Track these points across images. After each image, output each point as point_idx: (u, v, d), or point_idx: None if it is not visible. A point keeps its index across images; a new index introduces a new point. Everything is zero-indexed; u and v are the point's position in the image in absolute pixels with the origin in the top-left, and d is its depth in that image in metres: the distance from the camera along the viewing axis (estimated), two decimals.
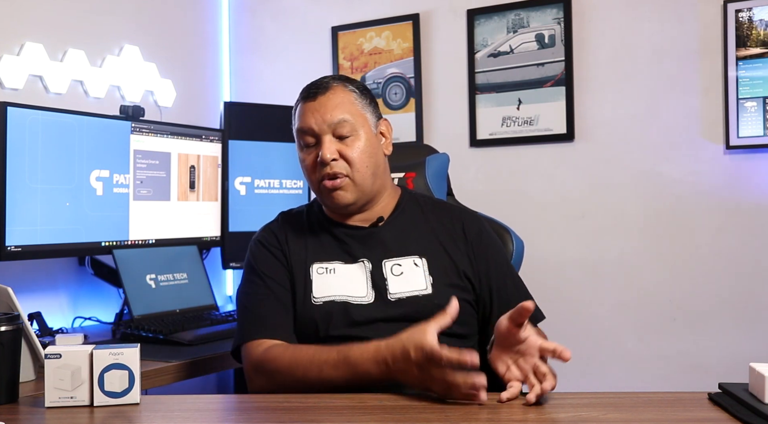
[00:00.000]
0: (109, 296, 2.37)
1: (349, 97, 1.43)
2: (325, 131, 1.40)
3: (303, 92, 1.45)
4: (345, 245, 1.43)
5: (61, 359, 1.16)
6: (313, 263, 1.42)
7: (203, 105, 2.97)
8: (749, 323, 2.31)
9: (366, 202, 1.45)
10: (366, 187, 1.42)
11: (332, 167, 1.39)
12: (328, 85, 1.43)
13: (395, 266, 1.40)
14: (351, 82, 1.46)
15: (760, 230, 2.31)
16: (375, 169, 1.43)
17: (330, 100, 1.41)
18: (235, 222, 2.60)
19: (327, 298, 1.38)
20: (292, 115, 1.47)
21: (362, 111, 1.43)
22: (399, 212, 1.48)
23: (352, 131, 1.40)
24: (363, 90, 1.46)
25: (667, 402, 1.15)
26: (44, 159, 2.02)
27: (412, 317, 1.33)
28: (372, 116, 1.45)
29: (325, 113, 1.40)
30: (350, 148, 1.40)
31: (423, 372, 1.15)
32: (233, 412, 1.20)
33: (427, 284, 1.38)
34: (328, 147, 1.39)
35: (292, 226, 1.50)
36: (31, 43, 2.25)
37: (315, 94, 1.42)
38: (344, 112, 1.40)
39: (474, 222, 1.50)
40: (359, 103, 1.43)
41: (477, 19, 2.68)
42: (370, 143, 1.42)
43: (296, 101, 1.47)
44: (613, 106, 2.50)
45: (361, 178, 1.40)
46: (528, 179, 2.62)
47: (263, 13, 3.09)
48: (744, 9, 2.31)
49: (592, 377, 2.44)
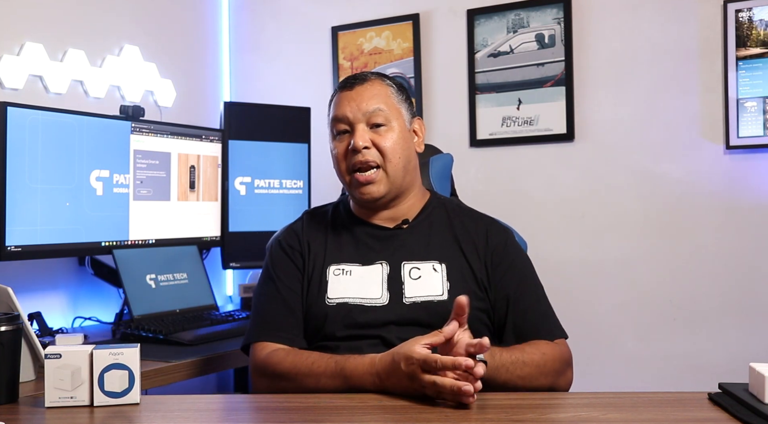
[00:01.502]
0: (109, 296, 2.37)
1: (386, 91, 1.45)
2: (360, 120, 1.41)
3: (341, 83, 1.47)
4: (365, 247, 1.43)
5: (61, 359, 1.16)
6: (330, 265, 1.42)
7: (203, 105, 2.97)
8: (749, 323, 2.31)
9: (395, 197, 1.45)
10: (397, 180, 1.42)
11: (364, 155, 1.39)
12: (366, 77, 1.46)
13: (414, 270, 1.40)
14: (389, 78, 1.49)
15: (760, 230, 2.31)
16: (406, 163, 1.44)
17: (367, 91, 1.43)
18: (235, 222, 2.60)
19: (341, 299, 1.38)
20: (327, 107, 1.49)
21: (398, 105, 1.45)
22: (424, 215, 1.48)
23: (386, 121, 1.42)
24: (400, 87, 1.49)
25: (667, 402, 1.15)
26: (44, 159, 2.02)
27: (425, 322, 1.33)
28: (407, 112, 1.47)
29: (361, 102, 1.41)
30: (383, 138, 1.41)
31: (414, 382, 1.16)
32: (233, 412, 1.20)
33: (443, 289, 1.38)
34: (361, 135, 1.40)
35: (314, 225, 1.50)
36: (31, 43, 2.25)
37: (353, 84, 1.44)
38: (380, 102, 1.42)
39: (500, 233, 1.49)
40: (395, 98, 1.46)
41: (477, 19, 2.68)
42: (403, 136, 1.43)
43: (333, 93, 1.48)
44: (613, 106, 2.50)
45: (393, 169, 1.41)
46: (528, 179, 2.62)
47: (263, 13, 3.09)
48: (744, 9, 2.31)
49: (592, 377, 2.44)
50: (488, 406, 1.13)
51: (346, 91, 1.44)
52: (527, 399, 1.20)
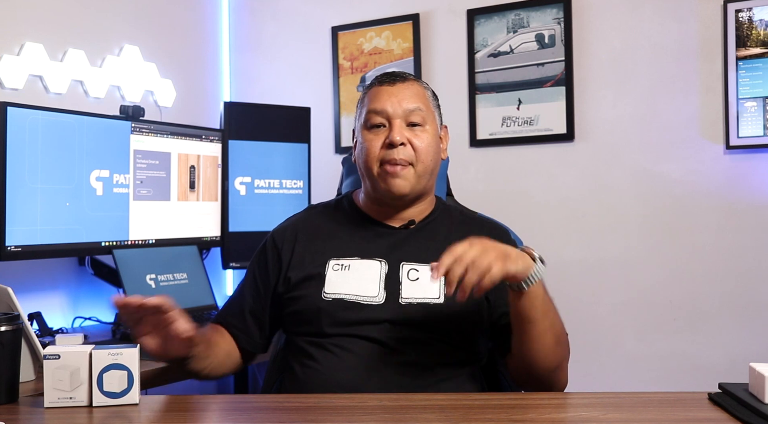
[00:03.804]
0: (109, 296, 2.36)
1: (425, 93, 1.46)
2: (399, 116, 1.41)
3: (379, 77, 1.47)
4: (366, 243, 1.43)
5: (60, 360, 1.16)
6: (330, 259, 1.42)
7: (203, 105, 2.97)
8: (749, 323, 2.31)
9: (416, 198, 1.45)
10: (423, 181, 1.43)
11: (399, 152, 1.39)
12: (406, 76, 1.46)
13: (412, 271, 1.40)
14: (426, 83, 1.50)
15: (760, 230, 2.31)
16: (434, 167, 1.45)
17: (408, 89, 1.43)
18: (235, 222, 2.60)
19: (337, 295, 1.37)
20: (359, 101, 1.48)
21: (433, 109, 1.47)
22: (430, 219, 1.49)
23: (423, 122, 1.42)
24: (434, 93, 1.51)
25: (667, 402, 1.15)
26: (44, 159, 2.02)
27: (419, 323, 1.33)
28: (438, 118, 1.49)
29: (402, 99, 1.42)
30: (419, 137, 1.41)
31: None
32: (233, 412, 1.20)
33: (440, 293, 1.37)
34: (399, 131, 1.40)
35: (314, 220, 1.50)
36: (31, 43, 2.25)
37: (394, 80, 1.44)
38: (419, 102, 1.43)
39: (501, 236, 1.48)
40: (431, 102, 1.47)
41: (477, 19, 2.68)
42: (435, 140, 1.45)
43: (367, 86, 1.48)
44: (613, 106, 2.50)
45: (423, 170, 1.41)
46: (528, 179, 2.62)
47: (263, 13, 3.09)
48: (744, 9, 2.30)
49: (592, 377, 2.44)
50: (488, 406, 1.13)
51: (386, 85, 1.44)
52: (527, 399, 1.20)
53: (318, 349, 1.35)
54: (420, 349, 1.33)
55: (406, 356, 1.31)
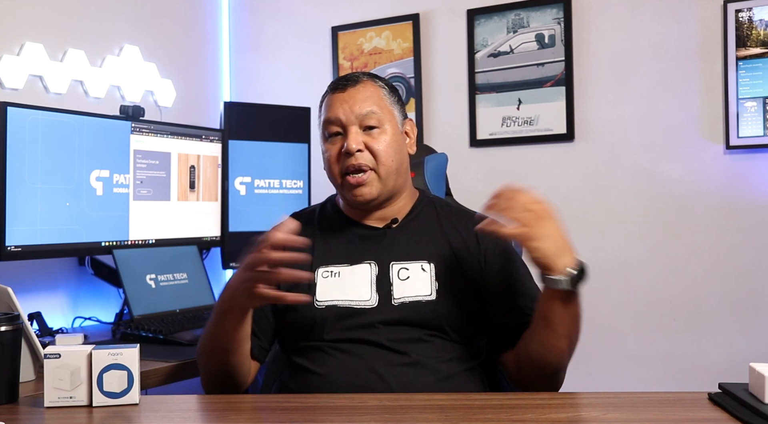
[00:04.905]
0: (109, 296, 2.37)
1: (379, 92, 1.44)
2: (353, 122, 1.40)
3: (332, 85, 1.46)
4: (353, 247, 1.43)
5: (60, 359, 1.16)
6: (319, 267, 1.41)
7: (203, 105, 2.97)
8: (749, 323, 2.31)
9: (387, 199, 1.44)
10: (389, 182, 1.41)
11: (357, 158, 1.38)
12: (358, 78, 1.44)
13: (402, 270, 1.39)
14: (380, 79, 1.47)
15: (760, 230, 2.31)
16: (399, 166, 1.43)
17: (359, 93, 1.42)
18: (235, 222, 2.60)
19: (330, 302, 1.37)
20: (318, 109, 1.48)
21: (390, 107, 1.44)
22: (414, 214, 1.48)
23: (379, 124, 1.41)
24: (391, 88, 1.48)
25: (667, 402, 1.15)
26: (44, 159, 2.02)
27: (413, 321, 1.34)
28: (399, 114, 1.46)
29: (354, 104, 1.40)
30: (376, 140, 1.40)
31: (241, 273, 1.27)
32: (233, 412, 1.20)
33: (432, 289, 1.37)
34: (354, 138, 1.39)
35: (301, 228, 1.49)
36: (31, 43, 2.25)
37: (345, 86, 1.43)
38: (373, 104, 1.41)
39: None
40: (387, 100, 1.44)
41: (477, 19, 2.68)
42: (395, 139, 1.43)
43: (323, 95, 1.47)
44: (613, 106, 2.50)
45: (385, 172, 1.40)
46: (528, 179, 2.59)
47: (263, 13, 3.09)
48: (744, 9, 2.30)
49: (592, 377, 2.44)
50: (488, 406, 1.13)
51: (338, 92, 1.42)
52: (527, 399, 1.20)
53: (317, 352, 1.35)
54: (418, 347, 1.33)
55: (404, 355, 1.32)
